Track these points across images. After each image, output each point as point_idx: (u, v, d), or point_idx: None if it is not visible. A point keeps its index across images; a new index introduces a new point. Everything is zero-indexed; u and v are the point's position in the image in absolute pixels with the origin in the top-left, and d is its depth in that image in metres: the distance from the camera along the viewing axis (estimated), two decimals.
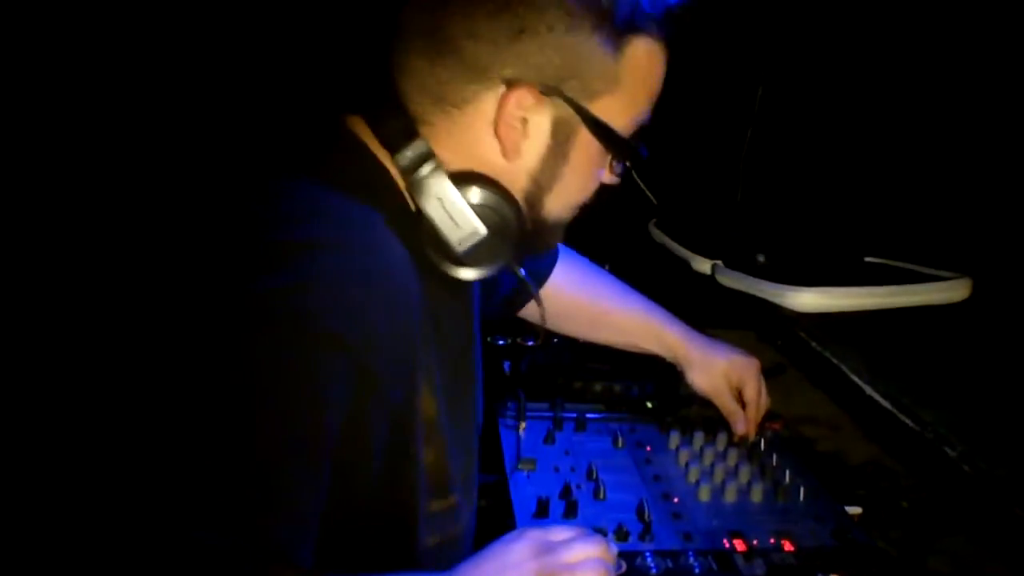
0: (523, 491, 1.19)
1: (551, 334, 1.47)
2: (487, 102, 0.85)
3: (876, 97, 1.89)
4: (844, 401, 1.50)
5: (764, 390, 1.32)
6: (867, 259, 1.85)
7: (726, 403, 1.31)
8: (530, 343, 1.61)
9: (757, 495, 1.20)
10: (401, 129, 0.87)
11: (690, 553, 1.07)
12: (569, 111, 0.86)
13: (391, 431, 0.81)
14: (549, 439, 1.34)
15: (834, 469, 1.36)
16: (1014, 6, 1.57)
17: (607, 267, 2.05)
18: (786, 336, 1.62)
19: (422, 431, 0.86)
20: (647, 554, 1.06)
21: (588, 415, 1.41)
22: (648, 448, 1.33)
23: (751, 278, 1.69)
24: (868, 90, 1.90)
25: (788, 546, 1.09)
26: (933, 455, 1.24)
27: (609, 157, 0.92)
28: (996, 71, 1.64)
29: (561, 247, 1.41)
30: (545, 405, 1.42)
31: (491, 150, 0.87)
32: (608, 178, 0.96)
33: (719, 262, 1.80)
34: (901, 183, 1.85)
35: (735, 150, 2.18)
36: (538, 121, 0.86)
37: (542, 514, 1.13)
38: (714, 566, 1.05)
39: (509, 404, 1.40)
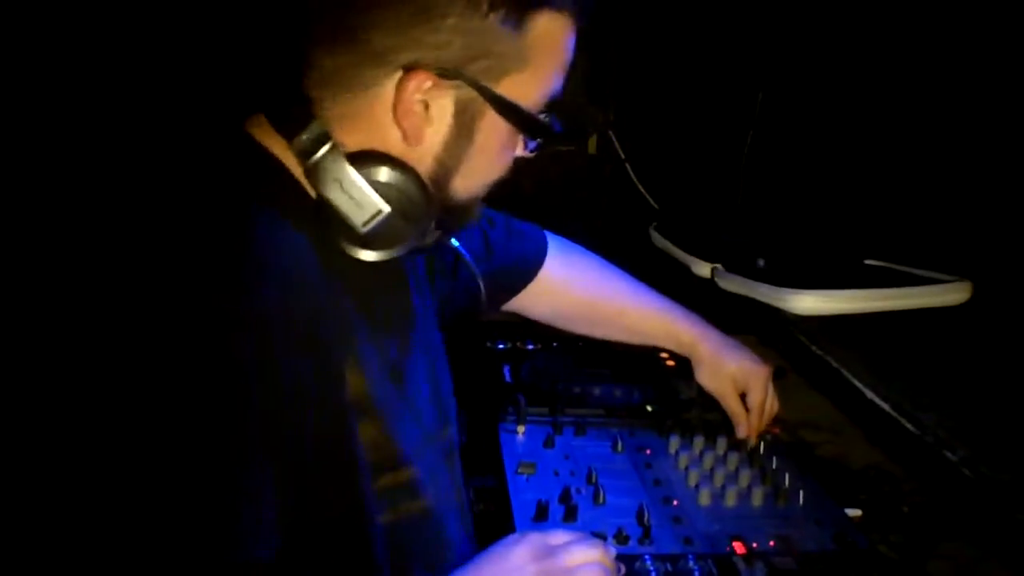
0: (522, 495, 1.19)
1: (550, 337, 1.46)
2: (386, 88, 0.83)
3: (875, 102, 1.89)
4: (845, 405, 1.50)
5: (772, 397, 1.32)
6: (867, 262, 1.85)
7: (731, 405, 1.32)
8: (530, 347, 1.61)
9: (757, 499, 1.20)
10: (297, 116, 0.85)
11: (690, 557, 1.06)
12: (473, 93, 0.84)
13: (315, 412, 0.80)
14: (549, 443, 1.33)
15: (835, 473, 1.36)
16: (1013, 9, 1.57)
17: None
18: (786, 339, 1.62)
19: (352, 408, 0.85)
20: (647, 558, 1.05)
21: (588, 419, 1.40)
22: (648, 452, 1.33)
23: (751, 282, 1.69)
24: (867, 95, 1.90)
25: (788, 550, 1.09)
26: (934, 459, 1.23)
27: (520, 135, 0.90)
28: (995, 76, 1.64)
29: (568, 242, 1.41)
30: (545, 410, 1.42)
31: (392, 136, 0.85)
32: (521, 153, 0.94)
33: (719, 266, 1.80)
34: (901, 187, 1.85)
35: (735, 155, 2.18)
36: (440, 105, 0.84)
37: (541, 518, 1.13)
38: (714, 570, 1.05)
39: (509, 409, 1.40)
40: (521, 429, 1.37)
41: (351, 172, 0.84)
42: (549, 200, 2.11)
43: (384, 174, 0.85)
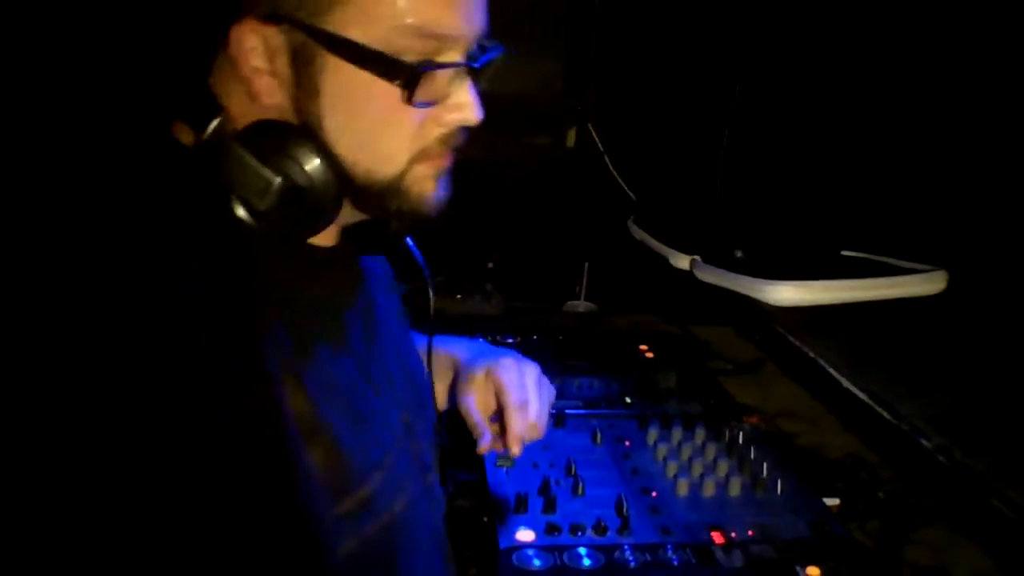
0: (502, 488, 1.19)
1: (529, 330, 1.43)
2: (228, 49, 0.77)
3: (851, 95, 1.90)
4: (822, 394, 1.51)
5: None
6: (844, 253, 1.86)
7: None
8: (509, 340, 1.61)
9: (735, 488, 1.20)
10: (190, 96, 0.79)
11: (669, 546, 1.07)
12: (301, 35, 0.75)
13: (250, 444, 0.71)
14: None
15: (812, 462, 1.37)
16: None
17: (587, 265, 2.07)
18: (764, 330, 1.63)
19: (297, 432, 0.75)
20: (626, 548, 1.06)
21: (567, 411, 1.40)
22: (627, 443, 1.33)
23: (729, 273, 1.69)
24: (843, 89, 1.91)
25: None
26: (910, 447, 1.24)
27: (398, 86, 0.78)
28: (968, 70, 1.66)
29: None
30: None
31: (249, 99, 0.78)
32: (442, 116, 0.82)
33: (697, 258, 1.81)
34: (877, 178, 1.86)
35: (713, 147, 2.19)
36: (277, 55, 0.76)
37: (521, 510, 1.13)
38: (692, 559, 1.05)
39: None
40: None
41: (236, 147, 0.77)
42: (527, 193, 2.11)
43: (273, 144, 0.77)
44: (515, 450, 1.03)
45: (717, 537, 1.10)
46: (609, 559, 1.04)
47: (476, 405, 1.07)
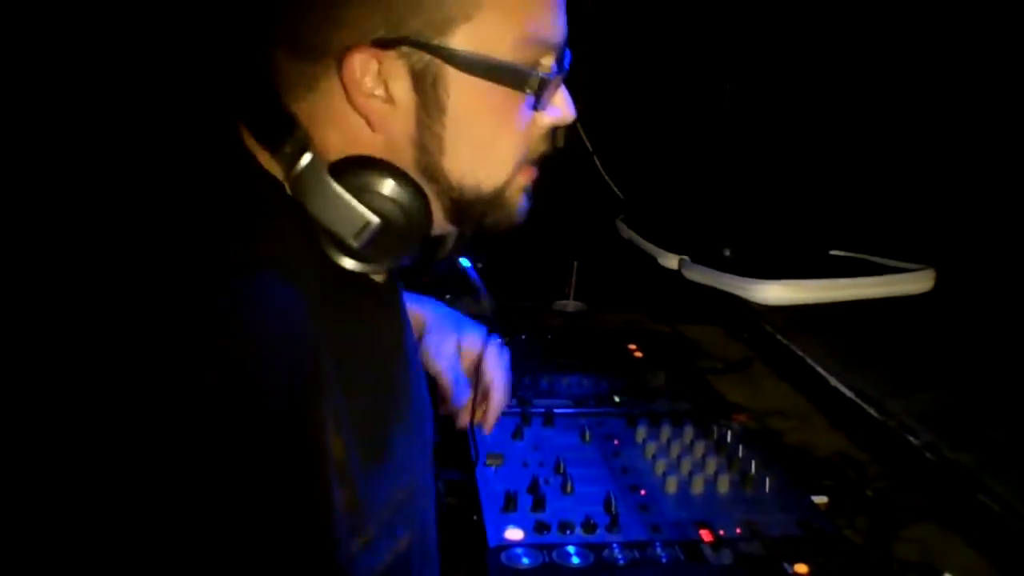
0: (491, 486, 1.18)
1: (518, 329, 1.44)
2: (333, 81, 0.76)
3: (840, 94, 1.91)
4: (810, 393, 1.51)
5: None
6: (832, 252, 1.87)
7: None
8: (498, 339, 1.60)
9: (724, 486, 1.20)
10: (276, 124, 0.78)
11: (657, 544, 1.06)
12: (424, 56, 0.75)
13: (287, 482, 0.68)
14: (517, 434, 1.33)
15: (801, 460, 1.37)
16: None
17: (576, 264, 2.07)
18: (753, 329, 1.63)
19: (333, 473, 0.74)
20: (614, 546, 1.05)
21: (556, 410, 1.40)
22: (616, 442, 1.33)
23: (718, 272, 1.70)
24: (832, 88, 1.92)
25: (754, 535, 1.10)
26: (897, 444, 1.25)
27: (519, 94, 0.79)
28: (955, 66, 1.66)
29: None
30: (513, 401, 1.41)
31: (366, 132, 0.78)
32: (541, 119, 0.83)
33: (686, 257, 1.81)
34: (865, 177, 1.87)
35: (702, 147, 2.19)
36: (396, 81, 0.76)
37: (510, 508, 1.13)
38: (681, 556, 1.05)
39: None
40: None
41: (333, 184, 0.77)
42: None
43: (369, 182, 0.77)
44: (489, 428, 1.23)
45: (705, 534, 1.10)
46: (598, 557, 1.04)
47: (450, 369, 1.18)
